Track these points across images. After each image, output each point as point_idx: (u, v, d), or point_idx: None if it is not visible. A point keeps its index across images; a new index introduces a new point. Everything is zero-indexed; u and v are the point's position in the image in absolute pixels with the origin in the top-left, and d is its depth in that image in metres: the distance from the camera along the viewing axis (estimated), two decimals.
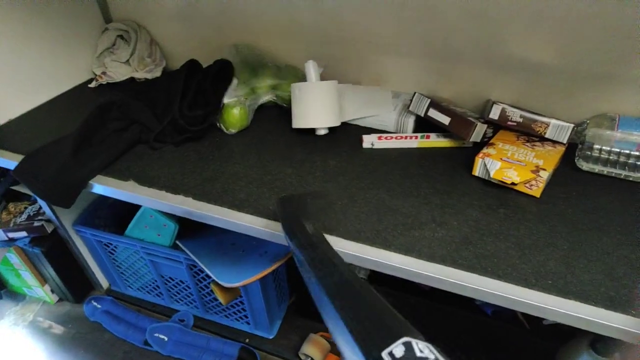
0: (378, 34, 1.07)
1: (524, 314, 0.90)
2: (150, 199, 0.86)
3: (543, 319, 0.98)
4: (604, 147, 0.87)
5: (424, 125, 1.02)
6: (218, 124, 1.05)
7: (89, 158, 0.91)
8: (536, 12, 0.90)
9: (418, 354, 0.35)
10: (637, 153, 0.85)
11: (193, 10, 1.24)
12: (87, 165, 0.90)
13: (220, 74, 1.07)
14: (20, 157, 0.94)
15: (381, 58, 1.11)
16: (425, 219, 0.78)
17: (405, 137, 0.99)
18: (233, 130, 1.04)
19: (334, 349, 1.14)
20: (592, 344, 0.84)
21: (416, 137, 0.99)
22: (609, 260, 0.69)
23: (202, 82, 1.05)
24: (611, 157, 0.88)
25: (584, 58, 0.92)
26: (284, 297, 1.26)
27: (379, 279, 1.11)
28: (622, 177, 0.88)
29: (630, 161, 0.86)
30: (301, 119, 1.02)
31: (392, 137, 1.00)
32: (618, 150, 0.86)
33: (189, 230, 1.13)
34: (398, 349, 0.36)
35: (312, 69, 1.01)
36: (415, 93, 1.01)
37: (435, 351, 0.36)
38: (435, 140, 0.99)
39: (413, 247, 0.72)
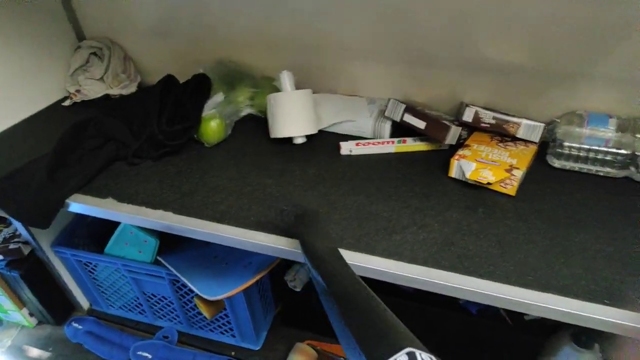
0: (352, 43, 1.09)
1: (507, 311, 0.92)
2: (129, 215, 0.85)
3: (525, 314, 1.00)
4: (574, 144, 0.90)
5: (400, 130, 1.04)
6: (196, 137, 1.05)
7: (65, 177, 0.90)
8: (506, 16, 0.92)
9: None
10: (605, 149, 0.88)
11: (167, 25, 1.24)
12: (64, 184, 0.89)
13: (199, 88, 1.07)
14: None
15: (356, 66, 1.13)
16: (406, 222, 0.79)
17: (383, 143, 1.01)
18: (211, 143, 1.04)
19: (322, 357, 1.14)
20: (574, 336, 0.86)
21: (393, 142, 1.01)
22: (587, 255, 0.71)
23: (180, 96, 1.05)
24: (581, 154, 0.90)
25: (553, 58, 0.94)
26: (269, 308, 1.25)
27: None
28: (593, 172, 0.90)
29: (599, 157, 0.89)
30: (278, 129, 1.02)
31: (369, 143, 1.01)
32: (588, 146, 0.89)
33: (170, 245, 1.12)
34: (402, 359, 0.38)
35: (286, 79, 1.02)
36: (390, 99, 1.03)
37: None
38: (411, 145, 1.00)
39: (395, 251, 0.73)
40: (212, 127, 1.03)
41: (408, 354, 0.38)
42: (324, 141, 1.06)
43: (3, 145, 1.09)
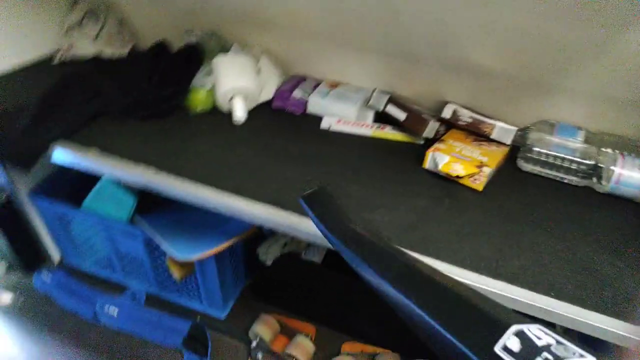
0: (342, 30, 1.12)
1: None
2: (111, 167, 0.87)
3: None
4: (543, 150, 0.95)
5: (381, 121, 1.08)
6: (184, 104, 1.07)
7: (52, 124, 0.92)
8: (485, 23, 0.96)
9: (537, 341, 0.31)
10: (571, 158, 0.93)
11: None
12: (51, 130, 0.91)
13: (191, 57, 1.09)
14: None
15: (343, 53, 1.16)
16: (377, 203, 0.83)
17: (362, 125, 1.05)
18: (199, 111, 1.07)
19: (285, 330, 1.18)
20: None
21: (372, 127, 1.05)
22: (537, 250, 0.76)
23: (172, 62, 1.07)
24: (549, 160, 0.95)
25: (529, 68, 0.99)
26: (240, 279, 1.28)
27: (330, 264, 1.16)
28: (557, 179, 0.96)
29: (565, 164, 0.94)
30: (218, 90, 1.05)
31: (349, 123, 1.05)
32: (555, 154, 0.94)
33: (150, 207, 1.14)
34: (512, 340, 0.32)
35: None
36: (375, 89, 1.07)
37: (551, 332, 0.32)
38: (390, 133, 1.05)
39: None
40: (202, 95, 1.05)
41: (517, 333, 0.32)
42: (309, 121, 1.09)
43: None
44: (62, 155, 0.91)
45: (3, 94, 1.10)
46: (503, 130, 0.97)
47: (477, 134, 1.00)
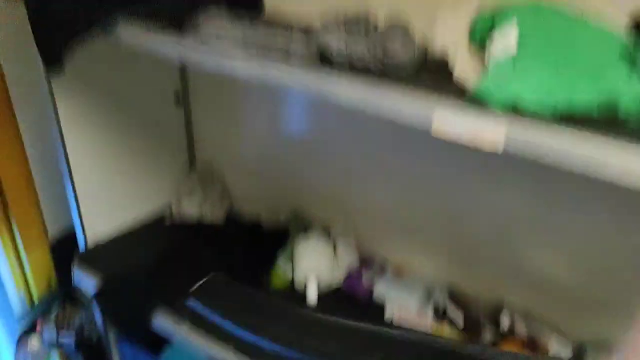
0: (410, 221, 1.26)
1: None
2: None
3: None
4: None
5: (442, 316, 1.16)
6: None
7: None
8: (555, 228, 1.05)
9: None
10: None
11: (264, 167, 1.49)
12: None
13: (278, 237, 1.27)
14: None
15: (410, 241, 1.30)
16: None
17: (422, 319, 1.14)
18: (278, 288, 1.22)
19: None
20: None
21: (431, 323, 1.13)
22: None
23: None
24: None
25: (596, 283, 1.04)
26: None
27: None
28: None
29: None
30: None
31: (410, 315, 1.15)
32: None
33: None
34: None
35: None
36: (437, 287, 1.17)
37: None
38: (447, 331, 1.11)
39: None
40: (282, 276, 1.21)
41: None
42: (375, 310, 1.19)
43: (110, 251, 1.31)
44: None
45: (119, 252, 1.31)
46: (558, 347, 1.02)
47: (533, 347, 1.05)
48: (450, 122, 0.52)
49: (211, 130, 1.56)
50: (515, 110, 0.55)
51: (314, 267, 1.19)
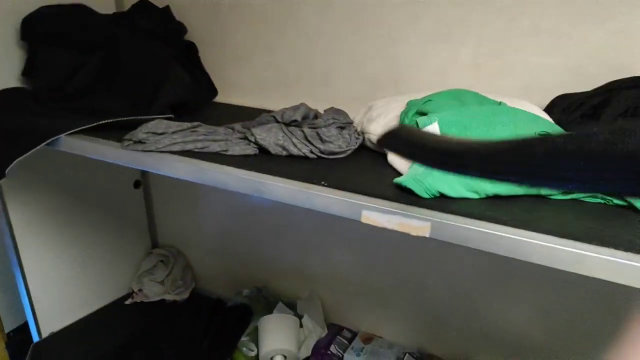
0: (376, 289, 1.26)
1: None
2: None
3: None
4: None
5: None
6: None
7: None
8: (513, 291, 1.07)
9: None
10: None
11: (225, 246, 1.48)
12: None
13: (240, 316, 1.25)
14: None
15: (378, 309, 1.29)
16: None
17: None
18: None
19: None
20: None
21: None
22: None
23: (224, 321, 1.22)
24: None
25: (560, 336, 1.06)
26: None
27: None
28: None
29: None
30: None
31: None
32: None
33: None
34: None
35: None
36: (405, 353, 1.16)
37: None
38: None
39: None
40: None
41: None
42: None
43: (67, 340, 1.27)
44: None
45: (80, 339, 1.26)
46: None
47: None
48: (377, 216, 0.54)
49: (172, 211, 1.55)
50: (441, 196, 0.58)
51: (278, 343, 1.16)
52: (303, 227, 1.32)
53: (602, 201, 0.60)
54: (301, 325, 1.27)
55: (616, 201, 0.59)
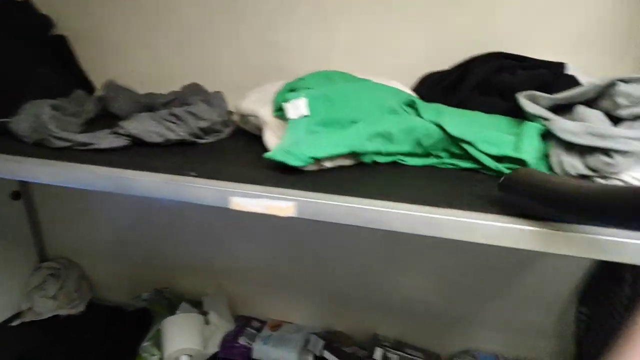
0: (281, 275, 1.27)
1: None
2: None
3: None
4: None
5: None
6: None
7: None
8: (407, 263, 1.14)
9: None
10: None
11: (122, 249, 1.41)
12: None
13: (140, 321, 1.20)
14: None
15: (284, 295, 1.30)
16: None
17: None
18: None
19: None
20: None
21: None
22: None
23: (122, 329, 1.17)
24: None
25: (451, 302, 1.14)
26: None
27: None
28: None
29: None
30: None
31: None
32: None
33: None
34: None
35: None
36: (311, 334, 1.18)
37: None
38: None
39: None
40: None
41: None
42: None
43: None
44: None
45: None
46: None
47: None
48: (246, 202, 0.54)
49: (59, 220, 1.45)
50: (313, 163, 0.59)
51: (182, 344, 1.13)
52: (202, 222, 1.29)
53: (452, 166, 0.66)
54: (208, 322, 1.24)
55: (464, 165, 0.65)
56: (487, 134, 0.63)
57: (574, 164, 0.57)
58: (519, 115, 0.68)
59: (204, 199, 0.56)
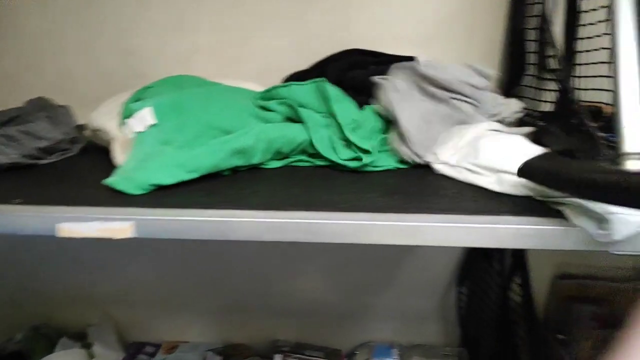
0: (176, 294, 1.20)
1: None
2: None
3: None
4: None
5: None
6: None
7: None
8: (301, 267, 1.13)
9: None
10: None
11: None
12: None
13: None
14: None
15: (181, 314, 1.23)
16: None
17: None
18: None
19: None
20: None
21: None
22: None
23: None
24: None
25: (345, 296, 1.14)
26: None
27: None
28: None
29: None
30: None
31: None
32: None
33: None
34: None
35: None
36: (207, 351, 1.13)
37: None
38: None
39: None
40: None
41: None
42: None
43: None
44: None
45: None
46: None
47: None
48: (76, 227, 0.48)
49: None
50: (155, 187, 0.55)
51: None
52: (78, 247, 1.18)
53: (308, 164, 0.65)
54: (93, 356, 1.14)
55: (318, 162, 0.65)
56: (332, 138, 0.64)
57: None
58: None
59: (27, 228, 0.50)
